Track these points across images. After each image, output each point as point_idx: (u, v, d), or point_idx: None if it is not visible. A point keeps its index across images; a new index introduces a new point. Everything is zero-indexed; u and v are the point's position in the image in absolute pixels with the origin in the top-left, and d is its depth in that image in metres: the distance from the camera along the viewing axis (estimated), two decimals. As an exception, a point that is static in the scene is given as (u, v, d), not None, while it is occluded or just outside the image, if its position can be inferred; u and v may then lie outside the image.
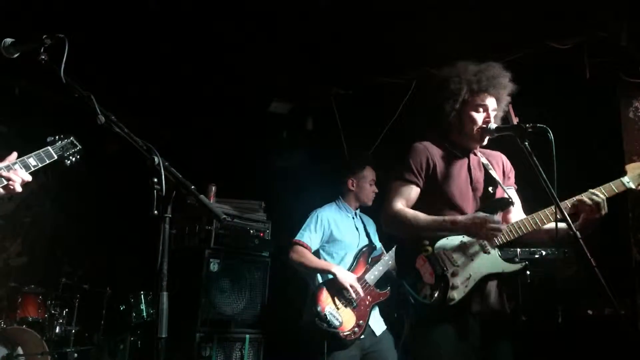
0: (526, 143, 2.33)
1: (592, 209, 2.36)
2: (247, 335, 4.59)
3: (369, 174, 4.10)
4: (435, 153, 2.64)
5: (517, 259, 2.53)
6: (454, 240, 2.47)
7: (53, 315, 5.16)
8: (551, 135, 2.27)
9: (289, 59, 5.08)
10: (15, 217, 5.80)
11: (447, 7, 4.08)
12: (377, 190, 4.07)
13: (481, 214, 2.43)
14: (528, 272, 3.57)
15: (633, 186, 2.46)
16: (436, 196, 2.58)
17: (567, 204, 2.41)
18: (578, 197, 2.40)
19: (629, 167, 2.52)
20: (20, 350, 4.54)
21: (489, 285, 2.50)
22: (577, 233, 2.17)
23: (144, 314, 5.41)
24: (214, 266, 4.52)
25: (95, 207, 6.22)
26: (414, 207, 2.57)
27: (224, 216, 1.86)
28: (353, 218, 4.09)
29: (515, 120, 3.20)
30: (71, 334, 5.27)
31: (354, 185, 4.08)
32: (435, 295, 2.39)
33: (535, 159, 2.28)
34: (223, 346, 4.44)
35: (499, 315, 2.53)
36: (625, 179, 2.47)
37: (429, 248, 2.47)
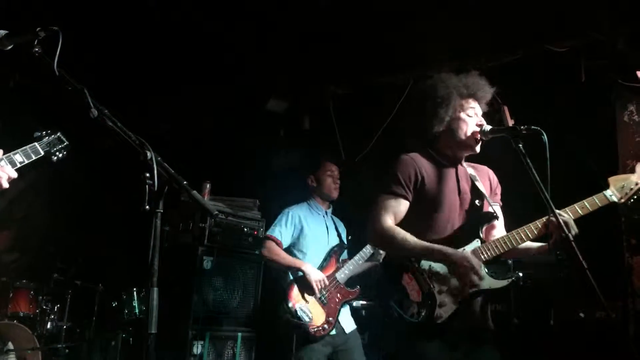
0: (520, 145, 2.33)
1: (560, 229, 2.30)
2: (239, 333, 4.58)
3: (325, 166, 4.14)
4: (423, 164, 2.58)
5: (509, 273, 2.46)
6: None
7: (44, 310, 5.14)
8: (545, 138, 2.27)
9: (286, 58, 5.08)
10: (7, 213, 5.77)
11: (446, 8, 4.08)
12: (338, 182, 4.11)
13: (474, 260, 2.36)
14: (520, 275, 3.58)
15: (616, 199, 2.46)
16: (424, 207, 2.53)
17: (537, 224, 2.41)
18: (546, 217, 2.36)
19: (612, 180, 2.51)
20: (10, 345, 4.51)
21: (473, 302, 2.46)
22: (570, 235, 2.17)
23: (136, 310, 5.39)
24: (207, 264, 4.51)
25: (88, 203, 6.19)
26: (402, 221, 2.52)
27: (216, 212, 1.85)
28: (324, 217, 4.13)
29: (510, 122, 3.21)
30: (62, 329, 5.25)
31: (313, 181, 4.13)
32: (423, 313, 2.35)
33: (528, 160, 2.27)
34: (215, 344, 4.42)
35: (483, 330, 2.50)
36: (608, 192, 2.46)
37: (416, 265, 2.43)
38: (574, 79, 4.16)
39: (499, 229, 2.67)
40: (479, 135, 2.56)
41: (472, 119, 2.58)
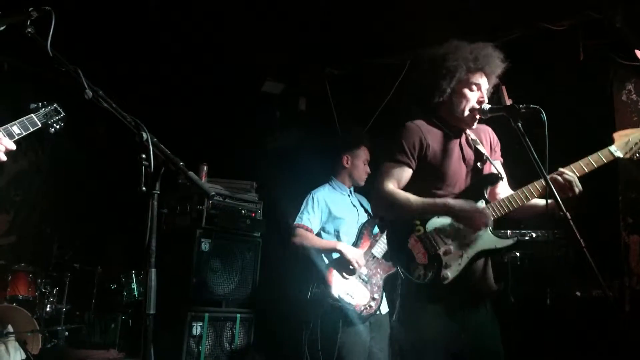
0: (519, 124, 2.32)
1: (564, 188, 2.35)
2: (238, 315, 4.60)
3: (363, 152, 4.06)
4: (428, 132, 2.58)
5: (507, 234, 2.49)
6: (446, 219, 2.45)
7: (44, 293, 5.16)
8: (544, 116, 2.26)
9: (282, 39, 5.03)
10: (4, 195, 5.76)
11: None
12: (369, 171, 4.04)
13: (474, 205, 2.40)
14: (518, 254, 3.60)
15: (621, 155, 2.43)
16: (429, 175, 2.54)
17: (541, 182, 2.39)
18: (549, 175, 2.36)
19: (617, 135, 2.49)
20: (10, 328, 4.53)
21: (476, 263, 2.48)
22: (567, 214, 2.17)
23: (135, 293, 5.42)
24: (205, 246, 4.51)
25: (86, 186, 6.18)
26: (405, 187, 2.53)
27: (213, 193, 1.84)
28: (349, 196, 4.05)
29: (508, 102, 3.19)
30: (62, 312, 5.29)
31: (349, 162, 4.04)
32: (429, 275, 2.38)
33: (527, 139, 2.26)
34: (214, 325, 4.45)
35: (486, 292, 2.54)
36: (613, 148, 2.44)
37: (421, 228, 2.45)
38: (572, 58, 4.13)
39: (502, 187, 2.69)
40: (477, 114, 2.56)
41: (473, 93, 2.57)
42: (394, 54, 5.01)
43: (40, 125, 2.42)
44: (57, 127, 2.52)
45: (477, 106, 2.55)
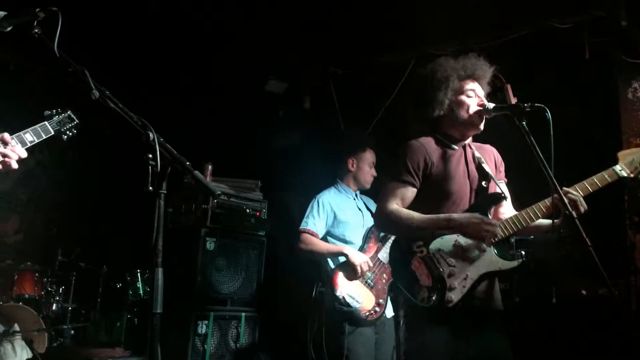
0: (524, 122, 2.31)
1: (565, 207, 2.29)
2: (243, 314, 4.62)
3: (369, 156, 4.03)
4: (433, 149, 2.58)
5: (511, 252, 2.45)
6: (449, 240, 2.42)
7: (50, 292, 5.19)
8: (549, 115, 2.25)
9: (286, 37, 5.04)
10: (11, 194, 5.79)
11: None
12: (375, 175, 4.01)
13: (478, 215, 2.38)
14: (523, 253, 3.59)
15: (625, 174, 2.43)
16: (434, 193, 2.53)
17: (545, 202, 2.38)
18: (555, 195, 2.33)
19: (621, 155, 2.48)
20: (16, 327, 4.55)
21: (482, 285, 2.45)
22: (573, 213, 2.17)
23: (141, 291, 5.43)
24: (210, 245, 4.52)
25: (93, 185, 6.21)
26: (409, 206, 2.52)
27: (219, 192, 1.84)
28: (354, 199, 4.02)
29: (513, 100, 3.19)
30: (68, 311, 5.31)
31: (354, 165, 4.00)
32: (433, 297, 2.34)
33: (532, 138, 2.26)
34: (219, 324, 4.46)
35: (492, 311, 2.51)
36: (617, 168, 2.43)
37: (424, 249, 2.42)
38: (577, 56, 4.13)
39: (506, 207, 2.67)
40: (482, 114, 2.55)
41: (472, 99, 2.58)
42: (399, 52, 5.01)
43: (53, 133, 2.39)
44: (70, 134, 2.50)
45: (480, 108, 2.55)
